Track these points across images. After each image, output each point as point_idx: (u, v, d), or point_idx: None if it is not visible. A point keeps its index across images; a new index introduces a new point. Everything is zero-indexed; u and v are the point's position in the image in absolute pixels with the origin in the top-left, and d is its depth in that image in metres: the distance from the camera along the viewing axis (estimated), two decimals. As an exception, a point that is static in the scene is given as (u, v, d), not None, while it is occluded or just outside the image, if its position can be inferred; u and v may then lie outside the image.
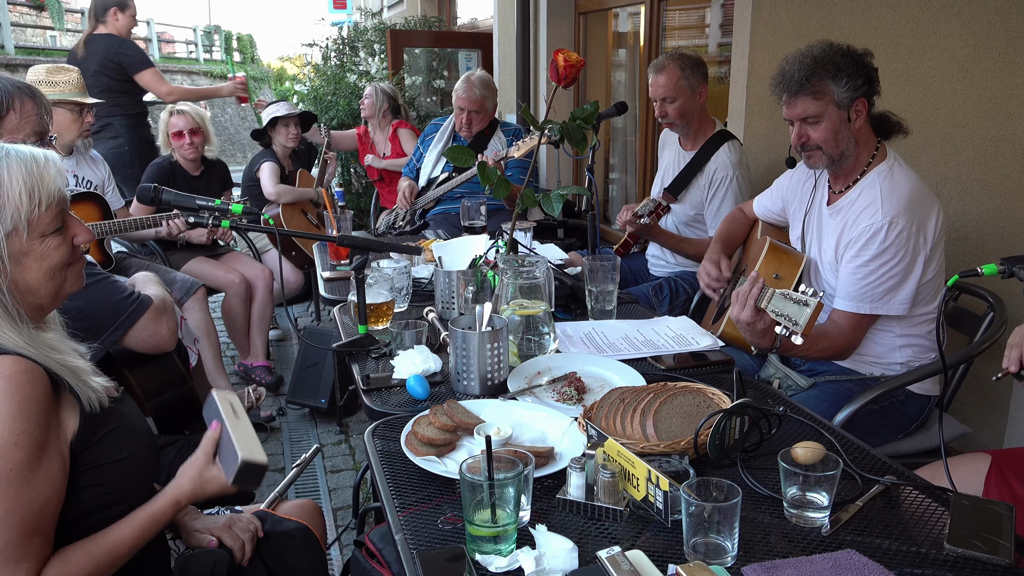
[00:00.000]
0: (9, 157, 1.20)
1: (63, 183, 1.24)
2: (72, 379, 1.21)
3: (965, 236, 2.56)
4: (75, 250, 1.28)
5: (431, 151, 4.10)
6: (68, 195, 1.27)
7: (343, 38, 8.11)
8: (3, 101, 1.72)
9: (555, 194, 1.95)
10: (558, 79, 1.96)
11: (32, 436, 1.13)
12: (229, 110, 20.77)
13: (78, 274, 1.30)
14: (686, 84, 2.92)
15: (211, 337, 3.42)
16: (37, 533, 1.16)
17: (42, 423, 1.15)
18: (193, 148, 3.84)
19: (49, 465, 1.16)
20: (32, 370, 1.15)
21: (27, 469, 1.13)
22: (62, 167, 1.26)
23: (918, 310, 2.11)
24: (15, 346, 1.16)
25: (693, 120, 3.01)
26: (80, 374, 1.23)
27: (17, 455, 1.12)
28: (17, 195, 1.17)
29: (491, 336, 1.73)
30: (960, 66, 2.54)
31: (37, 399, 1.14)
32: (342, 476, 3.06)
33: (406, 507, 1.33)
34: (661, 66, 2.96)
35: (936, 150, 2.63)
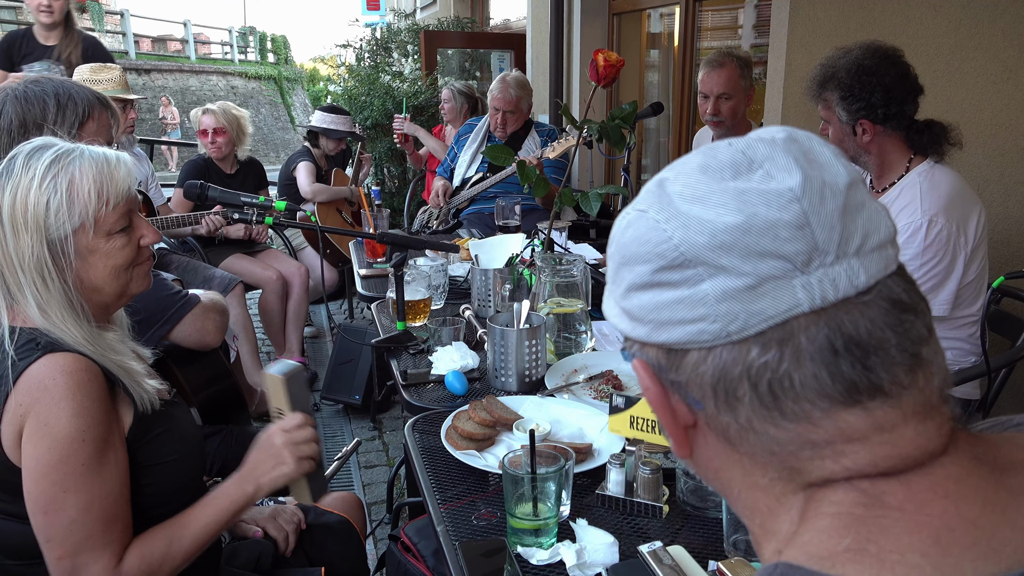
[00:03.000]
0: (83, 156, 1.23)
1: (132, 184, 1.28)
2: (127, 379, 1.24)
3: (1008, 239, 2.52)
4: (141, 251, 1.32)
5: (465, 151, 4.12)
6: (137, 196, 1.31)
7: (376, 39, 8.18)
8: (86, 110, 1.80)
9: (593, 193, 1.96)
10: (598, 79, 1.97)
11: (97, 430, 1.17)
12: (263, 110, 21.03)
13: (144, 274, 1.34)
14: (743, 84, 2.93)
15: (248, 333, 3.47)
16: (117, 520, 1.21)
17: (104, 418, 1.19)
18: (217, 148, 3.90)
19: (116, 456, 1.21)
20: (91, 368, 1.19)
21: (97, 462, 1.18)
22: (132, 169, 1.29)
23: (959, 312, 2.09)
24: (75, 342, 1.20)
25: (740, 121, 3.00)
26: (134, 375, 1.26)
27: (87, 450, 1.16)
28: (87, 192, 1.21)
29: (529, 333, 1.74)
30: (1004, 66, 2.51)
31: (98, 395, 1.18)
32: (376, 472, 3.10)
33: (443, 502, 1.36)
34: (719, 63, 2.95)
35: (979, 151, 2.60)
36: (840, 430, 0.53)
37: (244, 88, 21.00)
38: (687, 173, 0.57)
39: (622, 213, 0.61)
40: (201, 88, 19.36)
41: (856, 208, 0.54)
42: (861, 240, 0.53)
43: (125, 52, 18.67)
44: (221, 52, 25.11)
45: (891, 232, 0.55)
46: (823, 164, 0.55)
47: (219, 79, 20.34)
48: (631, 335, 0.60)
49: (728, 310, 0.53)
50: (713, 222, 0.53)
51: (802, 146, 0.56)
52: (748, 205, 0.52)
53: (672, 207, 0.55)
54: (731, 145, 0.57)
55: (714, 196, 0.54)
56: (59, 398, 1.15)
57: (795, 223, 0.52)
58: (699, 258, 0.53)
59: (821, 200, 0.52)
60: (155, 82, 17.89)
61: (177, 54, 21.96)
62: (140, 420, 1.26)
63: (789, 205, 0.52)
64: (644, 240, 0.56)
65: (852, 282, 0.52)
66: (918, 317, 0.54)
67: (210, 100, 19.37)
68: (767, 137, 0.57)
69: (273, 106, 21.85)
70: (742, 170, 0.55)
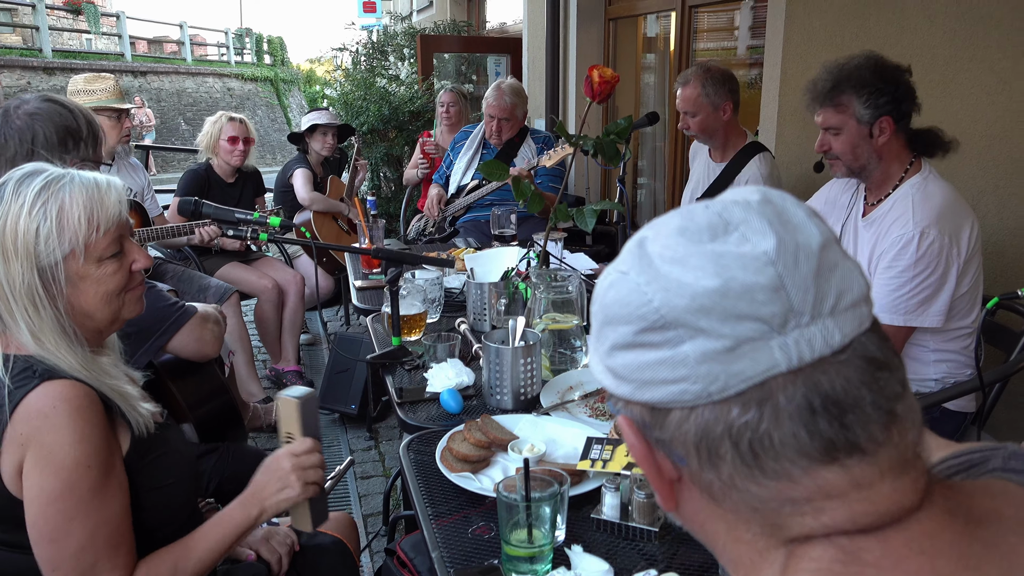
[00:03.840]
0: (73, 182, 1.23)
1: (123, 209, 1.27)
2: (123, 403, 1.24)
3: (1003, 250, 2.52)
4: (133, 276, 1.31)
5: (461, 158, 4.12)
6: (129, 221, 1.30)
7: (373, 43, 8.18)
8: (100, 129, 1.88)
9: (588, 209, 1.96)
10: (592, 95, 1.97)
11: (100, 456, 1.17)
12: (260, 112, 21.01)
13: (137, 299, 1.33)
14: (706, 100, 2.92)
15: (244, 342, 3.47)
16: (122, 544, 1.22)
17: (105, 443, 1.19)
18: (242, 156, 3.91)
19: (118, 480, 1.22)
20: (88, 394, 1.19)
21: (103, 486, 1.18)
22: (124, 194, 1.29)
23: (953, 324, 2.09)
24: (70, 368, 1.20)
25: (717, 134, 3.00)
26: (130, 399, 1.26)
27: (91, 476, 1.17)
28: (77, 219, 1.21)
29: (524, 351, 1.74)
30: (999, 78, 2.51)
31: (98, 421, 1.18)
32: (372, 483, 3.09)
33: (438, 516, 1.36)
34: (686, 80, 2.97)
35: (973, 163, 2.60)
36: (819, 487, 0.55)
37: (240, 90, 20.97)
38: (666, 234, 0.58)
39: (604, 272, 0.62)
40: (197, 90, 19.34)
41: (830, 268, 0.55)
42: (835, 300, 0.55)
43: (121, 54, 18.66)
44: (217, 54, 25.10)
45: (864, 290, 0.57)
46: (797, 225, 0.56)
47: (215, 81, 20.31)
48: (616, 392, 0.61)
49: (708, 371, 0.54)
50: (692, 285, 0.54)
51: (776, 207, 0.57)
52: (725, 269, 0.54)
53: (652, 269, 0.56)
54: (708, 208, 0.59)
55: (692, 259, 0.55)
56: (60, 426, 1.14)
57: (771, 286, 0.53)
58: (679, 320, 0.55)
59: (795, 263, 0.54)
60: (151, 84, 17.86)
61: (173, 56, 21.94)
62: (137, 444, 1.26)
63: (764, 268, 0.54)
64: (626, 302, 0.57)
65: (827, 342, 0.54)
66: (892, 374, 0.56)
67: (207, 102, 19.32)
68: (742, 200, 0.58)
69: (270, 108, 21.83)
70: (719, 232, 0.56)
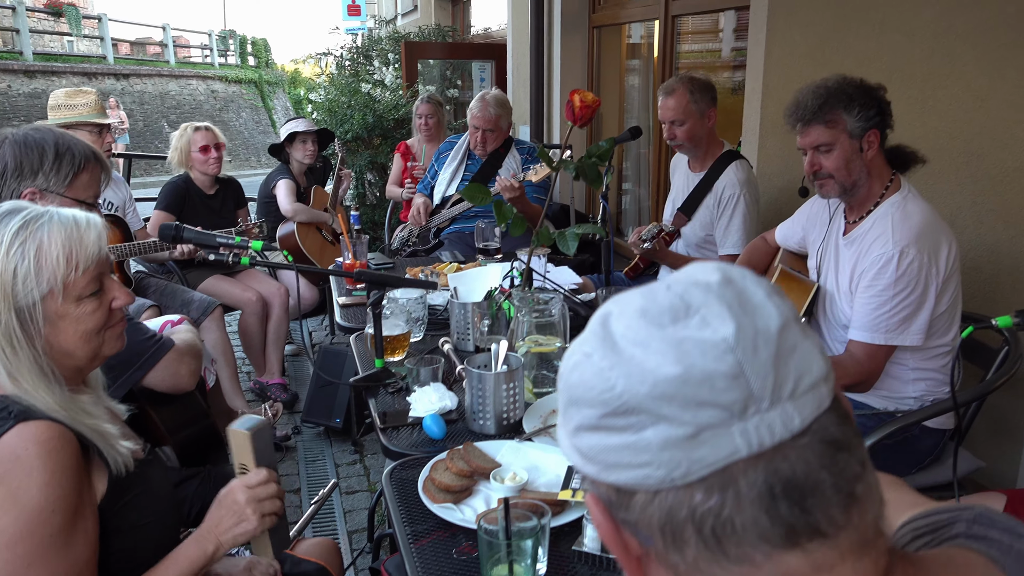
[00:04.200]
0: (51, 221, 1.22)
1: (103, 246, 1.27)
2: (101, 443, 1.23)
3: (979, 265, 2.55)
4: (113, 313, 1.30)
5: (445, 169, 4.12)
6: (109, 258, 1.30)
7: (357, 47, 8.16)
8: (81, 163, 1.83)
9: (570, 232, 1.96)
10: (574, 119, 1.98)
11: (68, 500, 1.16)
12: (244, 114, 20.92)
13: (118, 336, 1.33)
14: (695, 108, 2.94)
15: (228, 356, 3.46)
16: None
17: (75, 487, 1.17)
18: (218, 163, 3.88)
19: (84, 525, 1.19)
20: (64, 435, 1.18)
21: (67, 533, 1.16)
22: (104, 231, 1.28)
23: (931, 342, 2.11)
24: (47, 408, 1.19)
25: (702, 143, 3.02)
26: (109, 438, 1.25)
27: (56, 520, 1.15)
28: (55, 258, 1.20)
29: (507, 376, 1.74)
30: (976, 95, 2.54)
31: (70, 463, 1.17)
32: (357, 498, 3.09)
33: (422, 536, 1.37)
34: (671, 89, 2.98)
35: (951, 179, 2.63)
36: (781, 572, 0.55)
37: (224, 92, 20.85)
38: (629, 314, 0.59)
39: (569, 351, 0.63)
40: (181, 93, 19.22)
41: (789, 351, 0.56)
42: (794, 383, 0.55)
43: (103, 57, 18.51)
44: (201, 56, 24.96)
45: (823, 370, 0.58)
46: (756, 307, 0.57)
47: (199, 83, 20.19)
48: (583, 471, 0.62)
49: (671, 457, 0.55)
50: (654, 372, 0.55)
51: (736, 288, 0.58)
52: (686, 355, 0.55)
53: (616, 352, 0.57)
54: (669, 289, 0.60)
55: (654, 343, 0.56)
56: (31, 468, 1.13)
57: (730, 374, 0.54)
58: (642, 407, 0.55)
59: (754, 349, 0.55)
60: (134, 87, 17.73)
61: (156, 58, 21.79)
62: (114, 484, 1.25)
63: (724, 356, 0.54)
64: (590, 386, 0.58)
65: (787, 426, 0.55)
66: (852, 454, 0.57)
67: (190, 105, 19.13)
68: (703, 281, 0.59)
69: (254, 110, 21.73)
70: (680, 315, 0.57)
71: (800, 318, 0.60)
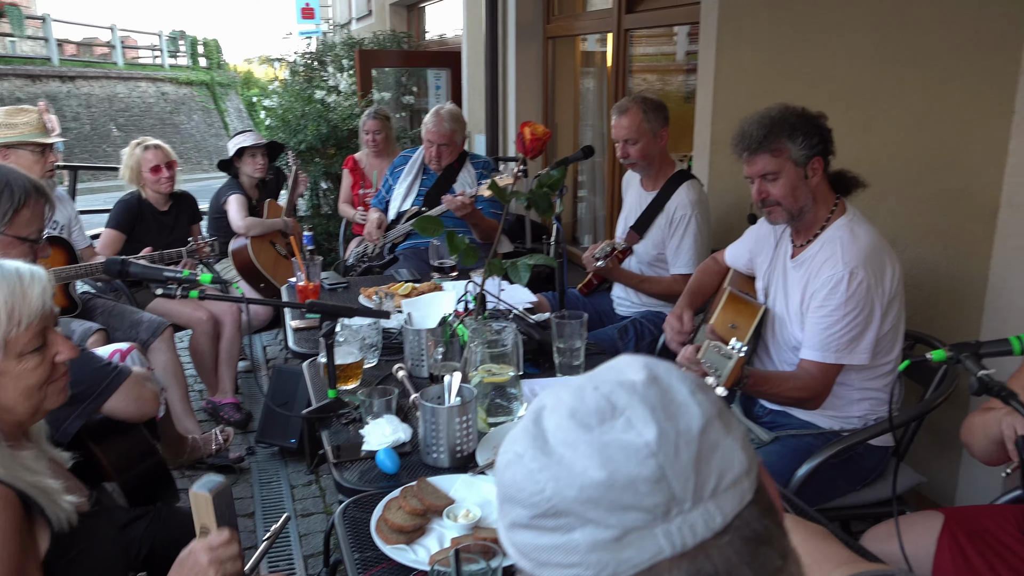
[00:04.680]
0: None
1: (47, 300, 1.24)
2: (43, 500, 1.21)
3: (920, 283, 2.63)
4: (56, 368, 1.28)
5: (400, 183, 4.10)
6: (54, 311, 1.27)
7: (311, 52, 8.08)
8: (21, 198, 1.77)
9: (522, 264, 1.98)
10: (525, 151, 1.99)
11: (10, 561, 1.13)
12: (196, 117, 20.57)
13: (60, 390, 1.30)
14: (648, 127, 2.98)
15: (179, 378, 3.40)
16: None
17: (18, 547, 1.15)
18: (170, 181, 3.82)
19: None
20: (5, 495, 1.15)
21: None
22: (49, 284, 1.25)
23: (876, 361, 2.17)
24: None
25: (654, 162, 3.06)
26: (51, 494, 1.22)
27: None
28: None
29: (460, 410, 1.75)
30: (916, 118, 2.61)
31: (11, 525, 1.15)
32: (312, 520, 3.06)
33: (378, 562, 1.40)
34: (624, 108, 3.01)
35: (893, 199, 2.71)
36: None
37: (175, 94, 20.46)
38: (560, 413, 0.61)
39: (504, 446, 0.65)
40: (130, 95, 18.80)
41: (710, 451, 0.58)
42: (716, 482, 0.58)
43: (47, 59, 18.00)
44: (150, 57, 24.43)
45: (745, 465, 0.60)
46: (680, 406, 0.59)
47: (148, 85, 19.77)
48: (519, 565, 0.63)
49: (599, 559, 0.57)
50: (581, 476, 0.57)
51: (660, 387, 0.60)
52: (610, 460, 0.57)
53: (546, 453, 0.59)
54: (597, 389, 0.62)
55: (582, 446, 0.58)
56: None
57: (653, 478, 0.56)
58: (569, 510, 0.57)
59: (676, 452, 0.57)
60: (80, 89, 17.29)
61: (104, 59, 21.27)
62: (57, 541, 1.23)
63: (647, 461, 0.57)
64: (521, 487, 0.60)
65: (709, 525, 0.57)
66: (773, 547, 0.59)
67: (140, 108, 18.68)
68: (628, 381, 0.61)
69: (206, 112, 21.36)
70: (606, 417, 0.59)
71: (725, 410, 0.62)
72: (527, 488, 0.59)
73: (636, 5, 4.66)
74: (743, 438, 0.62)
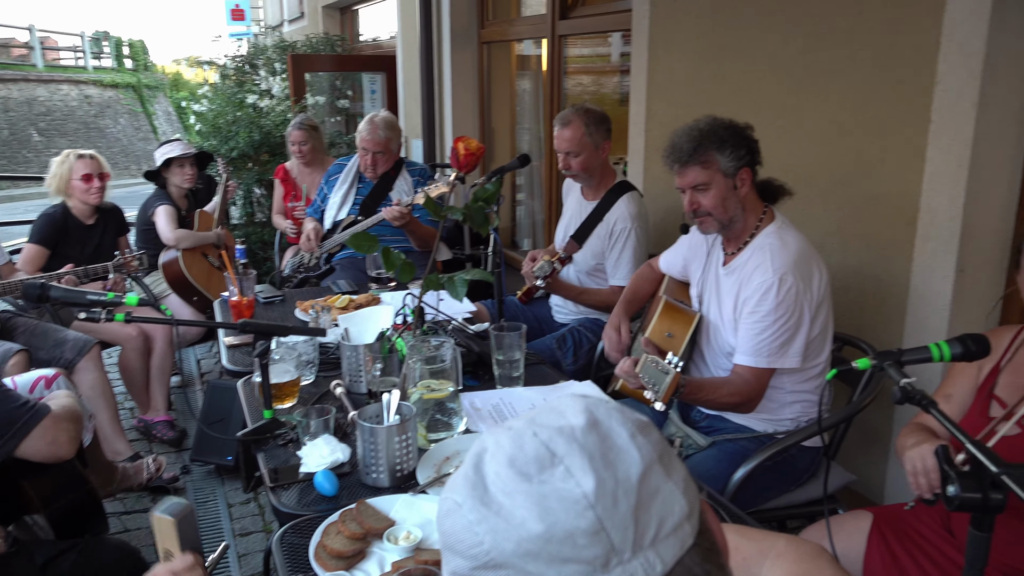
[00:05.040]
0: None
1: None
2: None
3: (847, 286, 2.72)
4: None
5: (335, 192, 4.05)
6: None
7: (242, 56, 7.91)
8: None
9: (459, 279, 1.97)
10: (459, 166, 1.99)
11: None
12: (122, 121, 19.92)
13: None
14: (590, 140, 2.99)
15: (107, 398, 3.28)
16: None
17: None
18: (100, 192, 3.69)
19: None
20: None
21: None
22: None
23: (808, 363, 2.23)
24: None
25: (595, 173, 3.08)
26: None
27: None
28: None
29: (399, 429, 1.73)
30: (840, 127, 2.70)
31: None
32: (252, 540, 2.99)
33: None
34: (567, 120, 3.01)
35: (819, 205, 2.79)
36: None
37: (100, 97, 19.77)
38: (500, 461, 0.61)
39: (444, 494, 0.64)
40: (51, 98, 18.09)
41: (649, 498, 0.59)
42: (656, 530, 0.58)
43: (-39, 61, 17.23)
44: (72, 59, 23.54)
45: (686, 510, 0.60)
46: (619, 452, 0.59)
47: (71, 88, 19.06)
48: None
49: None
50: (518, 529, 0.57)
51: (600, 432, 0.60)
52: (549, 512, 0.57)
53: (484, 504, 0.59)
54: (536, 436, 0.61)
55: (520, 496, 0.58)
56: None
57: (591, 530, 0.56)
58: (508, 563, 0.57)
59: (614, 503, 0.57)
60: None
61: (22, 61, 20.42)
62: None
63: (585, 512, 0.57)
64: (460, 538, 0.60)
65: (649, 574, 0.57)
66: None
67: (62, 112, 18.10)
68: (568, 427, 0.61)
69: (133, 116, 20.70)
70: (545, 465, 0.59)
71: (666, 452, 0.63)
72: (466, 540, 0.59)
73: (570, 11, 4.70)
74: (684, 480, 0.62)
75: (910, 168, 2.45)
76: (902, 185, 2.49)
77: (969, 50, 2.22)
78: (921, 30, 2.36)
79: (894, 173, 2.52)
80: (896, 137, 2.50)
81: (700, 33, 3.30)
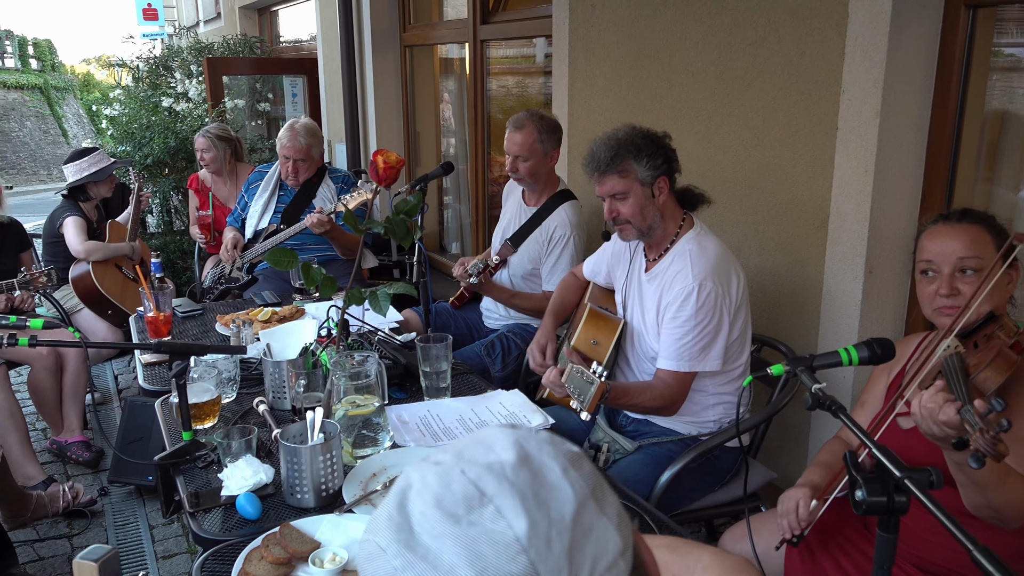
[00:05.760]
0: None
1: None
2: None
3: (764, 288, 2.80)
4: None
5: (256, 200, 3.96)
6: None
7: (155, 58, 7.64)
8: None
9: (382, 293, 1.95)
10: (379, 179, 1.97)
11: None
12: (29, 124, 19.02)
13: None
14: (541, 147, 3.01)
15: (16, 420, 3.14)
16: None
17: None
18: None
19: None
20: None
21: None
22: None
23: (728, 366, 2.29)
24: None
25: (541, 179, 3.10)
26: None
27: None
28: None
29: (323, 448, 1.71)
30: (753, 133, 2.78)
31: None
32: (175, 562, 2.90)
33: None
34: (520, 124, 3.01)
35: (736, 209, 2.86)
36: None
37: (3, 99, 18.83)
38: (425, 500, 0.58)
39: (364, 536, 0.62)
40: (-51, 101, 17.16)
41: (583, 537, 0.57)
42: (591, 569, 0.57)
43: None
44: (-28, 58, 22.33)
45: (620, 546, 0.59)
46: (552, 489, 0.58)
47: (-28, 90, 18.11)
48: None
49: None
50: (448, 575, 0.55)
51: (531, 468, 0.59)
52: (479, 558, 0.55)
53: (410, 548, 0.57)
54: (464, 474, 0.59)
55: (448, 540, 0.56)
56: None
57: (524, 574, 0.55)
58: None
59: (547, 545, 0.56)
60: None
61: (-84, 62, 19.30)
62: None
63: (517, 557, 0.55)
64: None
65: None
66: None
67: (-39, 116, 16.91)
68: (497, 464, 0.59)
69: (41, 118, 19.79)
70: (474, 505, 0.57)
71: (599, 485, 0.62)
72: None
73: (491, 16, 4.70)
74: (617, 513, 0.61)
75: (820, 174, 2.54)
76: (813, 190, 2.58)
77: (871, 61, 2.31)
78: (827, 41, 2.45)
79: (806, 178, 2.61)
80: (807, 144, 2.59)
81: (619, 41, 3.35)
